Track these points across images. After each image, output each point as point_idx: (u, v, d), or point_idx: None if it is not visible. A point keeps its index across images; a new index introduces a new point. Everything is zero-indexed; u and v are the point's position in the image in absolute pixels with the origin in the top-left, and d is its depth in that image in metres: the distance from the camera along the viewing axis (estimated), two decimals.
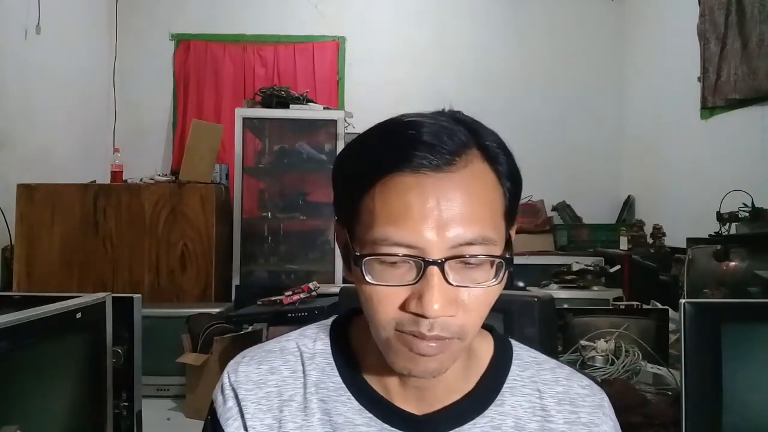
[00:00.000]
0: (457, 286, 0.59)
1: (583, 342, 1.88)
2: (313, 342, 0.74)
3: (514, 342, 0.75)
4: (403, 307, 0.59)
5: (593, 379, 0.77)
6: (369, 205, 0.60)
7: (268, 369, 0.72)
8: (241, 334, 2.06)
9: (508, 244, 0.64)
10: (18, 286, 2.77)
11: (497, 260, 0.61)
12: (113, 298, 1.28)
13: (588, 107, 4.71)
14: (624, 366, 1.78)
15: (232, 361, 0.74)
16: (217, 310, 2.36)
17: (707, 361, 1.13)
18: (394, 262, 0.59)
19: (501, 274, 0.61)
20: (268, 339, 0.83)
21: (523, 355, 0.74)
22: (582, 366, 1.80)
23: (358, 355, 0.71)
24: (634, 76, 4.57)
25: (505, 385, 0.70)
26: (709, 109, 3.40)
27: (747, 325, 1.19)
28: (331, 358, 0.72)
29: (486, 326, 0.74)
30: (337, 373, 0.70)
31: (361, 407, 0.68)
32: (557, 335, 1.87)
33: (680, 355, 1.14)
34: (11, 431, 0.94)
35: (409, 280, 0.59)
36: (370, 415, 0.68)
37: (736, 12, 3.12)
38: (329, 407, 0.68)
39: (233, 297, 3.02)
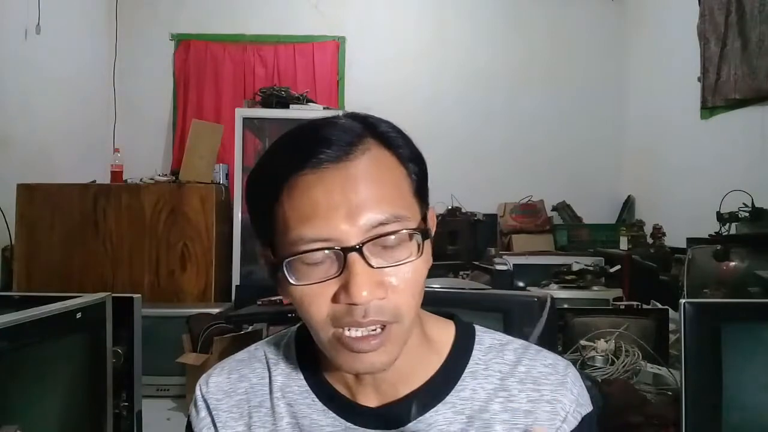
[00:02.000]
0: (379, 267, 0.60)
1: (583, 342, 1.88)
2: (279, 348, 0.75)
3: (479, 327, 0.75)
4: (335, 301, 0.60)
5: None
6: (281, 213, 0.62)
7: (237, 377, 0.74)
8: (241, 334, 2.06)
9: (425, 221, 0.65)
10: (18, 286, 2.77)
11: (414, 233, 0.61)
12: (113, 298, 1.28)
13: (588, 107, 4.71)
14: (624, 366, 1.77)
15: (204, 374, 0.76)
16: (217, 310, 2.36)
17: (707, 361, 1.13)
18: (316, 261, 0.60)
19: (421, 247, 0.62)
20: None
21: (485, 339, 0.73)
22: (582, 366, 1.80)
23: (321, 357, 0.71)
24: (634, 76, 4.57)
25: (466, 370, 0.70)
26: (709, 109, 3.40)
27: (747, 325, 1.19)
28: (296, 362, 0.73)
29: (448, 314, 0.75)
30: (301, 377, 0.72)
31: (325, 408, 0.69)
32: (557, 335, 1.87)
33: (680, 355, 1.14)
34: (11, 431, 0.94)
35: (333, 274, 0.60)
36: (334, 415, 0.69)
37: (736, 12, 3.12)
38: (296, 410, 0.70)
39: (233, 297, 3.02)
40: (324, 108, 3.63)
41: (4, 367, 0.96)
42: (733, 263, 2.22)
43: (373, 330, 0.60)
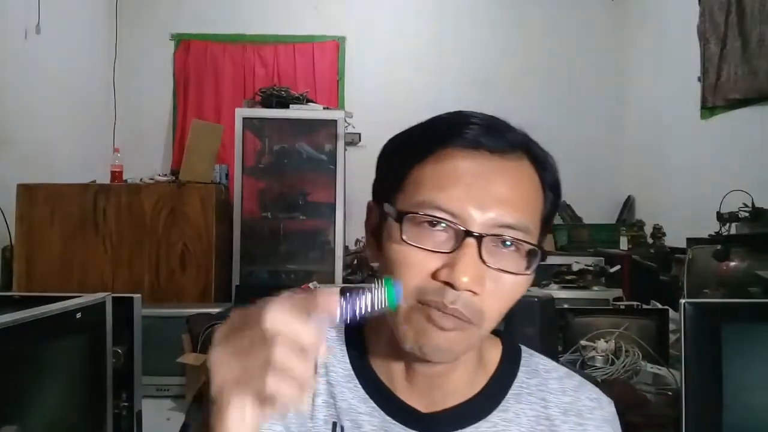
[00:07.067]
0: (489, 266, 0.60)
1: (583, 342, 1.89)
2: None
3: (525, 349, 0.75)
4: (432, 275, 0.59)
5: (591, 373, 0.77)
6: (418, 175, 0.62)
7: None
8: None
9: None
10: (18, 286, 2.77)
11: (532, 248, 0.62)
12: (113, 298, 1.28)
13: (588, 107, 4.71)
14: (624, 366, 1.78)
15: None
16: (217, 310, 2.35)
17: (707, 361, 1.13)
18: (434, 227, 0.60)
19: (533, 266, 0.62)
20: None
21: (531, 362, 0.73)
22: (582, 366, 1.80)
23: (369, 344, 0.71)
24: (635, 76, 4.57)
25: (510, 392, 0.70)
26: (709, 109, 3.40)
27: (747, 325, 1.19)
28: (344, 345, 0.72)
29: (496, 332, 0.75)
30: (347, 360, 0.71)
31: (367, 396, 0.68)
32: (557, 335, 1.87)
33: (680, 355, 1.14)
34: (11, 431, 0.94)
35: (444, 249, 0.60)
36: (374, 405, 0.68)
37: (736, 12, 3.12)
38: (336, 391, 0.69)
39: (233, 297, 3.02)
40: (324, 108, 3.63)
41: (4, 367, 0.96)
42: (733, 263, 2.21)
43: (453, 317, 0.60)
